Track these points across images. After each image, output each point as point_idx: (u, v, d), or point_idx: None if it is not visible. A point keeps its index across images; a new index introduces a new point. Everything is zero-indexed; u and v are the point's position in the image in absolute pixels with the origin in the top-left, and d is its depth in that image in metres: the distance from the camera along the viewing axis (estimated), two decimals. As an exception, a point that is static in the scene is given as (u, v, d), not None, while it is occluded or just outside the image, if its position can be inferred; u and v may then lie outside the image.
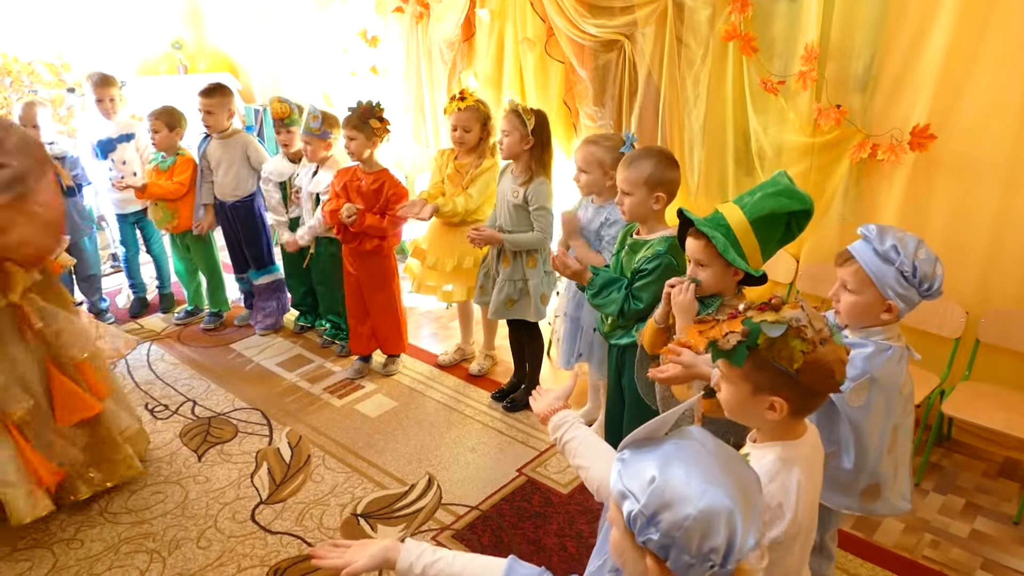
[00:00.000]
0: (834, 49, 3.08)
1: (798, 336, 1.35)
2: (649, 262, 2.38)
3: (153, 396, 3.72)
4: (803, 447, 1.48)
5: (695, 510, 1.00)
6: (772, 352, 1.36)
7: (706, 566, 1.01)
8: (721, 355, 1.42)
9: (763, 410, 1.41)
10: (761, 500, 1.05)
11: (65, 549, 2.68)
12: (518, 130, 3.20)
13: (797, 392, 1.39)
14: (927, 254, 1.81)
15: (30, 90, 5.44)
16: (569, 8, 3.75)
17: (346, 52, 5.36)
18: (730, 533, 1.00)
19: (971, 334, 3.00)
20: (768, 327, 1.36)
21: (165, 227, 4.32)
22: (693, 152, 3.65)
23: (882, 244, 1.80)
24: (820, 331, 1.37)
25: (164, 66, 6.39)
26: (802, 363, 1.35)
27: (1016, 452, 3.06)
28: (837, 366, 1.38)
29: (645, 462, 1.07)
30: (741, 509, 1.01)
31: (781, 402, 1.39)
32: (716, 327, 1.43)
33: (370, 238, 3.61)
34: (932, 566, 2.54)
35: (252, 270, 4.42)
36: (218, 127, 4.12)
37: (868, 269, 1.80)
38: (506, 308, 3.42)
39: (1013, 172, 2.79)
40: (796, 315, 1.37)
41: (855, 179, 3.17)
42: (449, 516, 2.83)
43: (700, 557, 1.01)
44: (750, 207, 1.97)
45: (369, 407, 3.60)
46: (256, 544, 2.70)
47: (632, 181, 2.41)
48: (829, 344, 1.38)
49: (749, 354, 1.38)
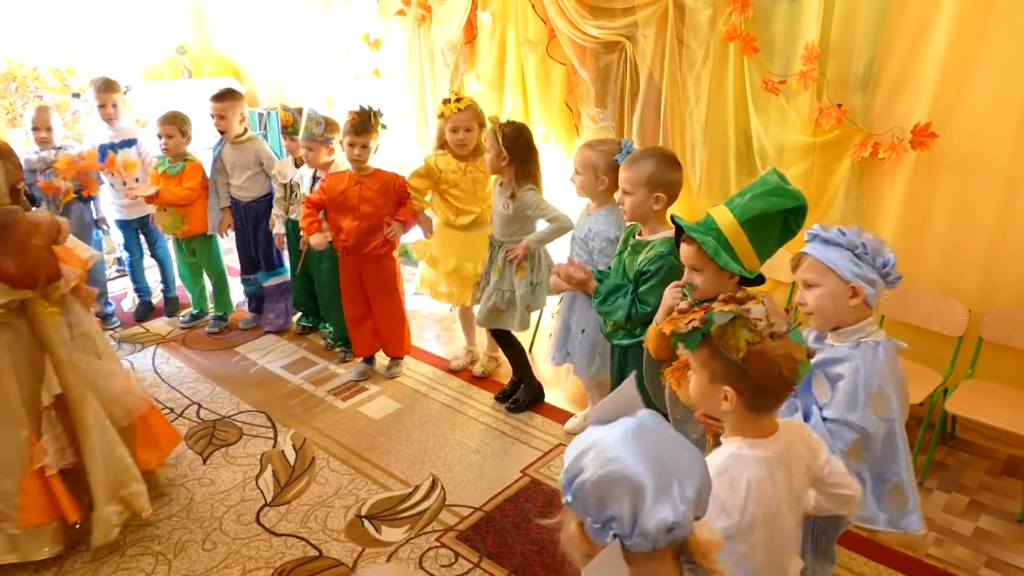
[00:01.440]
0: (835, 48, 3.08)
1: (745, 326, 1.41)
2: (652, 263, 2.39)
3: (159, 399, 3.73)
4: (770, 446, 1.50)
5: (594, 475, 1.04)
6: (723, 341, 1.43)
7: (608, 532, 1.03)
8: (678, 339, 1.50)
9: (719, 400, 1.47)
10: (698, 482, 1.06)
11: (70, 552, 2.68)
12: (494, 148, 3.21)
13: (747, 385, 1.44)
14: (873, 237, 1.87)
15: (35, 95, 5.47)
16: (570, 10, 3.76)
17: (349, 55, 5.37)
18: (634, 506, 1.02)
19: (974, 332, 3.00)
20: (717, 315, 1.42)
21: (173, 232, 4.33)
22: (695, 152, 3.65)
23: (827, 233, 1.87)
24: (773, 325, 1.42)
25: (168, 71, 6.42)
26: (747, 352, 1.41)
27: (1020, 450, 3.05)
28: (786, 361, 1.42)
29: (597, 434, 1.11)
30: (655, 486, 1.03)
31: (732, 393, 1.45)
32: (684, 316, 1.49)
33: (380, 244, 3.60)
34: (936, 564, 2.54)
35: (262, 271, 4.45)
36: (230, 131, 4.16)
37: (822, 257, 1.85)
38: (492, 317, 3.44)
39: (1015, 170, 2.79)
40: (750, 307, 1.43)
41: (857, 178, 3.17)
42: (453, 517, 2.84)
43: (602, 522, 1.04)
44: (740, 209, 1.98)
45: (373, 409, 3.61)
46: (261, 546, 2.72)
47: (633, 180, 2.43)
48: (781, 339, 1.42)
49: (702, 340, 1.46)
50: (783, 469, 1.51)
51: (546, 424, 3.45)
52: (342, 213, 3.60)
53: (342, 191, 3.58)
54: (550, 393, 3.66)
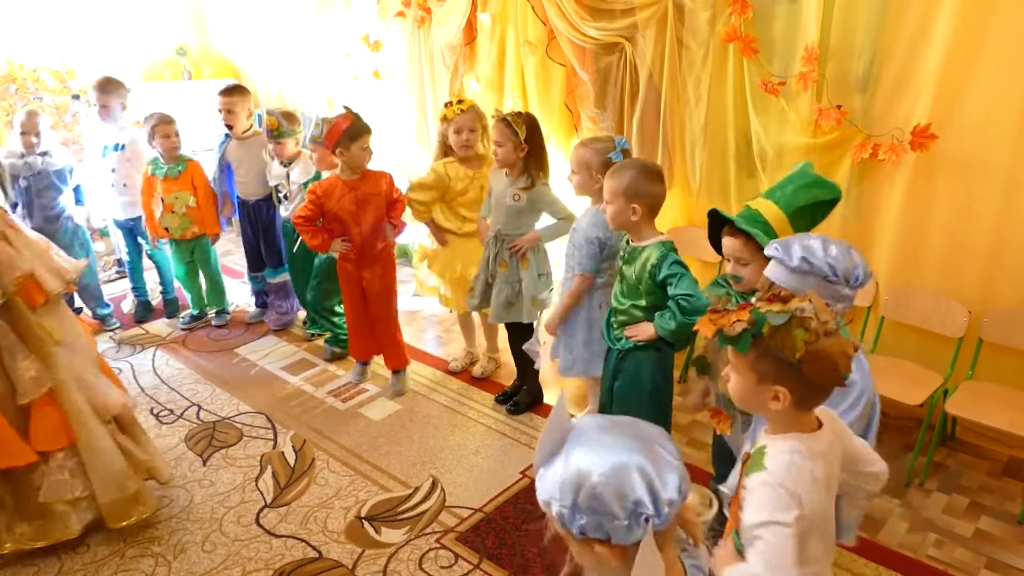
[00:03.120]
0: (834, 49, 3.08)
1: (801, 326, 1.37)
2: (667, 267, 2.42)
3: (159, 401, 3.73)
4: (820, 442, 1.49)
5: (600, 475, 1.03)
6: (775, 341, 1.39)
7: (641, 521, 1.02)
8: (727, 342, 1.44)
9: (767, 400, 1.44)
10: (671, 447, 1.08)
11: (71, 554, 2.69)
12: (511, 140, 3.18)
13: (800, 383, 1.41)
14: (838, 250, 1.79)
15: (35, 97, 5.48)
16: (570, 11, 3.76)
17: (349, 56, 5.37)
18: (648, 482, 1.02)
19: (974, 333, 2.99)
20: (772, 316, 1.38)
21: (182, 233, 4.32)
22: (695, 153, 3.65)
23: (792, 260, 1.79)
24: (825, 323, 1.39)
25: (168, 72, 6.42)
26: (804, 352, 1.37)
27: (1020, 451, 3.05)
28: (841, 359, 1.39)
29: (554, 467, 1.09)
30: (648, 458, 1.04)
31: (784, 392, 1.42)
32: (725, 316, 1.45)
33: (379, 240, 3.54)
34: (936, 566, 2.54)
35: (268, 268, 4.50)
36: (237, 126, 4.20)
37: (790, 288, 1.72)
38: (506, 311, 3.42)
39: (1015, 171, 2.78)
40: (802, 306, 1.39)
41: (857, 179, 3.17)
42: (453, 518, 2.84)
43: (631, 515, 1.02)
44: (785, 200, 2.00)
45: (373, 410, 3.61)
46: (261, 547, 2.72)
47: (612, 190, 2.47)
48: (834, 337, 1.39)
49: (753, 342, 1.41)
50: (833, 465, 1.52)
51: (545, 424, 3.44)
52: (340, 225, 3.50)
53: (336, 202, 3.45)
54: (550, 395, 3.66)
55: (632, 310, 2.57)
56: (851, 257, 1.81)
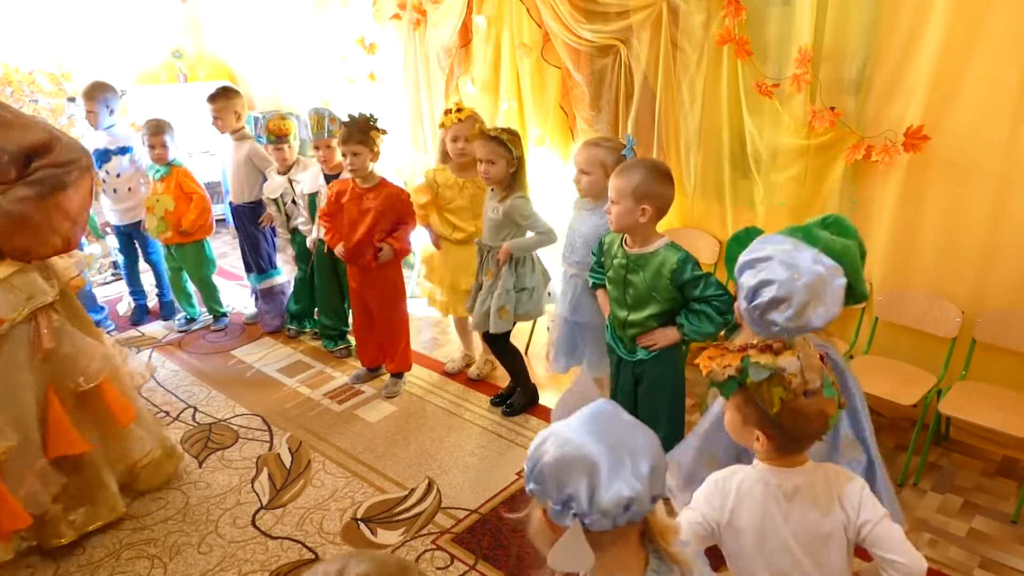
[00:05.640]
0: (827, 52, 3.09)
1: (780, 384, 1.45)
2: (692, 270, 2.42)
3: (154, 403, 3.73)
4: (789, 477, 1.57)
5: (551, 457, 1.09)
6: (758, 393, 1.48)
7: (569, 512, 1.07)
8: (714, 385, 1.56)
9: (751, 440, 1.54)
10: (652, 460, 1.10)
11: (67, 555, 2.69)
12: (504, 157, 3.15)
13: (779, 432, 1.50)
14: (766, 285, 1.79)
15: (31, 100, 5.46)
16: (565, 14, 3.77)
17: (344, 59, 5.38)
18: (592, 484, 1.06)
19: (967, 334, 3.00)
20: (754, 370, 1.47)
21: (158, 237, 4.31)
22: (689, 155, 3.66)
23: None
24: (807, 382, 1.46)
25: (164, 75, 6.43)
26: (781, 408, 1.46)
27: (1014, 451, 3.06)
28: (817, 418, 1.48)
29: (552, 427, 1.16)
30: (609, 464, 1.06)
31: (764, 438, 1.52)
32: (722, 357, 1.54)
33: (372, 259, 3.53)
34: (930, 565, 2.51)
35: (254, 274, 4.50)
36: (226, 128, 4.21)
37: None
38: (502, 318, 3.38)
39: (1007, 172, 2.79)
40: (789, 363, 1.46)
41: (850, 181, 3.18)
42: (449, 520, 2.84)
43: (561, 503, 1.07)
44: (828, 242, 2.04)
45: (369, 412, 3.61)
46: (257, 549, 2.72)
47: (619, 190, 2.40)
48: (815, 396, 1.47)
49: (738, 388, 1.51)
50: (799, 502, 1.56)
51: (541, 426, 3.40)
52: (340, 223, 3.58)
53: (343, 205, 3.52)
54: (545, 396, 3.66)
55: (649, 321, 2.53)
56: (761, 290, 1.79)
